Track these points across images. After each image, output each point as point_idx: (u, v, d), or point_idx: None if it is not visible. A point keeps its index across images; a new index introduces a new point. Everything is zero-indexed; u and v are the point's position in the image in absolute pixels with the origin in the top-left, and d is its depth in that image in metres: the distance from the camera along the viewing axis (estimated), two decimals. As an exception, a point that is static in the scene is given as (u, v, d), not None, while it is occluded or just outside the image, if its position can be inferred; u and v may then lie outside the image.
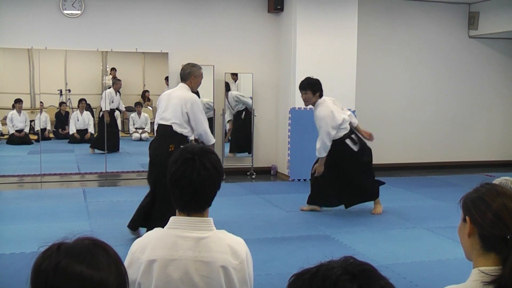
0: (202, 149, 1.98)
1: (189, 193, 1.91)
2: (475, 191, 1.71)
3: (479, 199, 1.67)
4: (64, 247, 1.20)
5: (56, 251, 1.19)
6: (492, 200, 1.64)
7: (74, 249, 1.19)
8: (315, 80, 6.34)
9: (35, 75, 8.79)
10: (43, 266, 1.18)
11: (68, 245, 1.21)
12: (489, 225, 1.62)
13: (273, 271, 4.47)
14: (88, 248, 1.20)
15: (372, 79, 9.71)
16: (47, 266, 1.17)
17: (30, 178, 8.49)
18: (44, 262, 1.18)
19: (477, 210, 1.66)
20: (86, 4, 8.46)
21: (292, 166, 8.73)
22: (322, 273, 1.03)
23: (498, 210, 1.62)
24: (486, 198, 1.65)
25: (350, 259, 1.05)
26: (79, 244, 1.21)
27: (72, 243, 1.21)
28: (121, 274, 1.22)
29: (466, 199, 1.71)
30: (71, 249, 1.19)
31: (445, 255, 4.98)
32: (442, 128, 10.30)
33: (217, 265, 1.88)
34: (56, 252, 1.19)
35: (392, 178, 9.08)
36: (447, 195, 7.62)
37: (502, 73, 10.64)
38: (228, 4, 9.01)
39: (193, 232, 1.91)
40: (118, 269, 1.22)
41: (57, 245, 1.21)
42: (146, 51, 8.97)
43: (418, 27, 9.97)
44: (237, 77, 9.42)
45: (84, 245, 1.21)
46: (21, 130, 9.47)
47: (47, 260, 1.18)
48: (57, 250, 1.19)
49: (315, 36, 8.69)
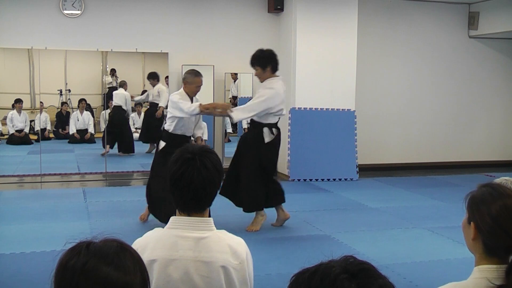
0: (202, 149, 1.98)
1: (189, 193, 1.91)
2: (480, 193, 1.69)
3: (481, 203, 1.66)
4: (93, 247, 1.20)
5: (85, 249, 1.19)
6: (493, 203, 1.63)
7: (103, 250, 1.19)
8: (263, 53, 5.67)
9: (35, 75, 8.78)
10: (70, 264, 1.17)
11: (97, 245, 1.21)
12: (490, 233, 1.62)
13: (273, 271, 4.46)
14: (116, 250, 1.20)
15: (372, 79, 9.71)
16: (75, 264, 1.17)
17: (30, 178, 8.49)
18: (72, 259, 1.18)
19: (479, 215, 1.65)
20: (86, 4, 8.46)
21: (292, 166, 8.73)
22: (321, 272, 1.03)
23: (497, 214, 1.61)
24: (487, 202, 1.65)
25: (350, 258, 1.05)
26: (108, 246, 1.21)
27: (100, 243, 1.22)
28: (145, 279, 1.23)
29: (471, 202, 1.70)
30: (99, 249, 1.20)
31: (445, 255, 4.98)
32: (442, 128, 10.30)
33: (217, 265, 1.88)
34: (85, 251, 1.19)
35: (392, 178, 9.09)
36: (447, 195, 7.62)
37: (502, 73, 10.64)
38: (228, 4, 9.01)
39: (193, 232, 1.91)
40: (142, 273, 1.22)
41: (86, 244, 1.21)
42: (146, 51, 8.97)
43: (418, 27, 9.97)
44: (237, 77, 9.43)
45: (113, 246, 1.21)
46: (21, 130, 9.47)
47: (75, 258, 1.18)
48: (86, 249, 1.19)
49: (315, 36, 8.69)
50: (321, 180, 8.71)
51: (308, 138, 8.77)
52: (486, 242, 1.64)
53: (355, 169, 8.88)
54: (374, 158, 9.77)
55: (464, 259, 4.63)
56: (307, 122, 8.75)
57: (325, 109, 8.79)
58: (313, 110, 8.75)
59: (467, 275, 1.69)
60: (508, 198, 1.63)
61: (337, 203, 7.16)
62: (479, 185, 1.73)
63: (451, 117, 10.36)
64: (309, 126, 8.75)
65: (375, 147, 9.81)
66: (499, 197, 1.64)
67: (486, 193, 1.67)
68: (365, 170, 9.26)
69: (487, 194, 1.66)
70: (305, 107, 8.75)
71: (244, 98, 9.52)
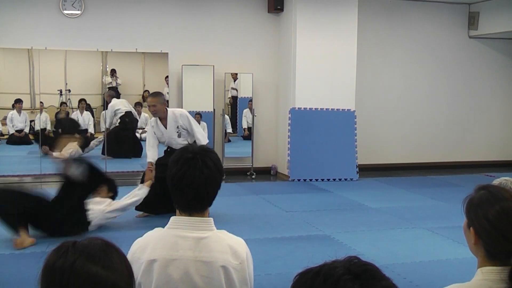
0: (202, 149, 1.98)
1: (191, 193, 1.90)
2: (477, 197, 1.68)
3: (479, 208, 1.65)
4: (79, 245, 1.19)
5: (72, 248, 1.17)
6: (491, 208, 1.62)
7: (90, 249, 1.18)
8: None
9: (35, 75, 8.78)
10: (58, 264, 1.15)
11: (83, 243, 1.19)
12: (489, 239, 1.62)
13: (273, 271, 4.46)
14: (102, 248, 1.19)
15: (372, 79, 9.71)
16: (64, 264, 1.15)
17: (30, 178, 8.48)
18: (59, 260, 1.16)
19: (478, 221, 1.65)
20: (86, 4, 8.46)
21: (292, 166, 8.73)
22: (324, 272, 1.02)
23: (494, 220, 1.61)
24: (485, 207, 1.64)
25: (354, 259, 1.05)
26: (93, 244, 1.20)
27: (86, 242, 1.20)
28: (131, 276, 1.22)
29: (469, 207, 1.69)
30: (86, 248, 1.18)
31: (445, 255, 4.98)
32: (442, 128, 10.30)
33: (218, 265, 1.88)
34: (72, 250, 1.17)
35: (392, 178, 9.09)
36: (447, 195, 7.62)
37: (502, 73, 10.64)
38: (228, 4, 9.01)
39: (193, 232, 1.91)
40: (129, 270, 1.22)
41: (71, 243, 1.19)
42: (146, 51, 8.97)
43: (418, 27, 9.97)
44: (237, 76, 9.43)
45: (98, 244, 1.20)
46: (21, 130, 9.46)
47: (62, 258, 1.16)
48: (72, 248, 1.18)
49: (315, 36, 8.69)
50: (321, 180, 8.71)
51: (308, 138, 8.77)
52: (486, 247, 1.64)
53: (355, 169, 8.88)
54: (374, 158, 9.77)
55: (464, 259, 4.63)
56: (307, 122, 8.75)
57: (325, 109, 8.79)
58: (313, 110, 8.76)
59: (467, 275, 1.69)
60: (505, 201, 1.63)
61: (337, 203, 7.16)
62: (476, 188, 1.72)
63: (451, 117, 10.36)
64: (309, 126, 8.75)
65: (375, 147, 9.81)
66: (495, 201, 1.63)
67: (483, 197, 1.66)
68: (365, 170, 9.26)
69: (484, 199, 1.66)
70: (305, 107, 8.75)
71: (244, 98, 9.53)
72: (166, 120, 6.05)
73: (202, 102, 9.04)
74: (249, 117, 9.42)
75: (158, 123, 6.07)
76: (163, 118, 6.05)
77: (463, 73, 10.37)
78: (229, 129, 9.53)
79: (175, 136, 6.07)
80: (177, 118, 6.03)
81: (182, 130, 6.07)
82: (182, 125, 6.06)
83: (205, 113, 9.07)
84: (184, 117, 6.07)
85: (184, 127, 6.07)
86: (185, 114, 6.10)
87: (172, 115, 6.04)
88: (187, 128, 6.08)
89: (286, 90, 9.00)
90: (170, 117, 6.04)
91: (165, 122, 6.06)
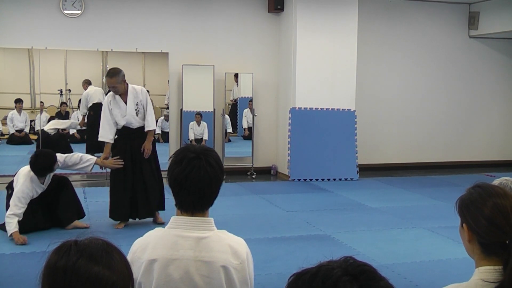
0: (203, 148, 1.98)
1: (196, 193, 1.90)
2: (468, 195, 1.71)
3: (472, 204, 1.67)
4: (81, 245, 1.18)
5: (74, 247, 1.17)
6: (484, 204, 1.65)
7: (91, 248, 1.18)
8: None
9: (35, 75, 8.78)
10: (61, 263, 1.15)
11: (84, 243, 1.19)
12: (485, 233, 1.63)
13: (273, 271, 4.47)
14: (103, 248, 1.19)
15: (372, 79, 9.71)
16: (66, 264, 1.15)
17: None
18: (61, 259, 1.16)
19: (472, 217, 1.66)
20: (86, 4, 8.46)
21: (292, 166, 8.73)
22: (322, 274, 1.02)
23: (490, 214, 1.62)
24: (478, 204, 1.66)
25: (350, 260, 1.05)
26: (95, 243, 1.20)
27: (87, 242, 1.20)
28: (131, 276, 1.23)
29: (461, 205, 1.71)
30: (88, 248, 1.18)
31: (445, 255, 4.98)
32: (442, 128, 10.30)
33: (218, 265, 1.88)
34: (74, 249, 1.17)
35: (392, 178, 9.09)
36: (447, 195, 7.60)
37: (502, 73, 10.64)
38: (228, 4, 9.01)
39: (194, 232, 1.91)
40: (129, 270, 1.22)
41: (73, 243, 1.19)
42: (146, 51, 8.97)
43: (418, 27, 9.97)
44: (237, 79, 9.42)
45: (99, 244, 1.20)
46: (21, 130, 9.46)
47: (64, 257, 1.16)
48: (74, 247, 1.17)
49: (315, 36, 8.69)
50: (321, 180, 8.71)
51: (308, 138, 8.77)
52: (481, 242, 1.65)
53: (355, 169, 8.88)
54: (374, 158, 9.78)
55: (464, 259, 4.61)
56: (307, 122, 8.76)
57: (325, 109, 8.79)
58: (313, 110, 8.76)
59: (467, 275, 1.70)
60: (497, 197, 1.65)
61: (337, 203, 7.16)
62: (467, 188, 1.74)
63: (451, 117, 10.36)
64: (309, 126, 8.76)
65: (375, 147, 9.81)
66: (489, 197, 1.65)
67: (475, 194, 1.69)
68: (365, 170, 9.26)
69: (476, 196, 1.68)
70: (305, 107, 8.75)
71: (244, 98, 9.53)
72: (127, 96, 5.64)
73: (202, 102, 9.04)
74: (249, 117, 9.43)
75: (117, 98, 5.64)
76: (123, 93, 5.65)
77: (463, 73, 10.37)
78: (229, 129, 9.53)
79: (133, 113, 5.66)
80: (138, 93, 5.69)
81: (140, 107, 5.70)
82: (142, 100, 5.70)
83: (205, 113, 9.07)
84: (144, 93, 5.75)
85: (142, 104, 5.70)
86: (145, 91, 5.82)
87: (133, 90, 5.67)
88: (144, 106, 5.71)
89: (286, 90, 9.00)
90: (130, 92, 5.66)
91: (125, 98, 5.64)
